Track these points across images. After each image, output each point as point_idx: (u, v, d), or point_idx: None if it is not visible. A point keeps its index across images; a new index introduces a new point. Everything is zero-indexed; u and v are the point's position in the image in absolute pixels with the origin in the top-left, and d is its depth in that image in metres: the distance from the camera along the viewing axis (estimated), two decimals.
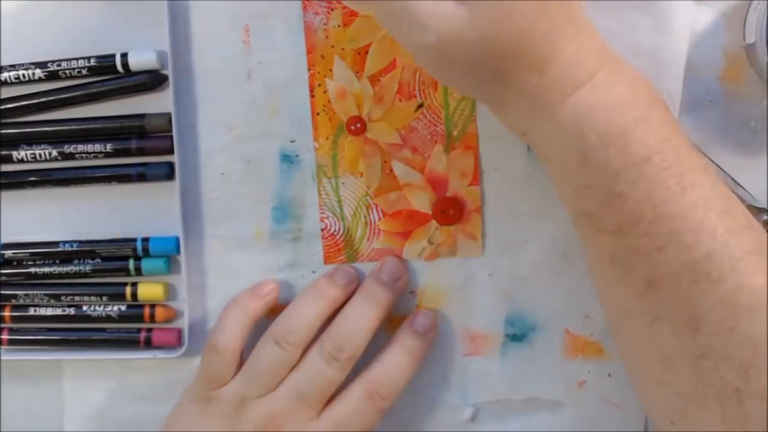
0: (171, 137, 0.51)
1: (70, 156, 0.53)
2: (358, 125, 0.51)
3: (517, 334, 0.53)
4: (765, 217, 0.50)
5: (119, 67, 0.51)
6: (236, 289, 0.54)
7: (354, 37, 0.50)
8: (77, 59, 0.51)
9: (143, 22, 0.51)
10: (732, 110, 0.49)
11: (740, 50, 0.48)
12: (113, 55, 0.51)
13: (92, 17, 0.52)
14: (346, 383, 0.50)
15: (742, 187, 0.50)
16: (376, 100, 0.50)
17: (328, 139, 0.51)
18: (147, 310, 0.54)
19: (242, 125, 0.52)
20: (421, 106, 0.50)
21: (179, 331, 0.54)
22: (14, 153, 0.53)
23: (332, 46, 0.50)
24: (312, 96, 0.51)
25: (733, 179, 0.50)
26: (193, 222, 0.53)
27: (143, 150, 0.52)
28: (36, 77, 0.52)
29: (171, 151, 0.52)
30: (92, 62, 0.51)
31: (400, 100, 0.50)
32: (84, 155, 0.52)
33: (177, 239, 0.53)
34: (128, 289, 0.54)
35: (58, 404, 0.57)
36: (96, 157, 0.53)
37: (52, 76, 0.52)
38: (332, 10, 0.50)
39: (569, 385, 0.53)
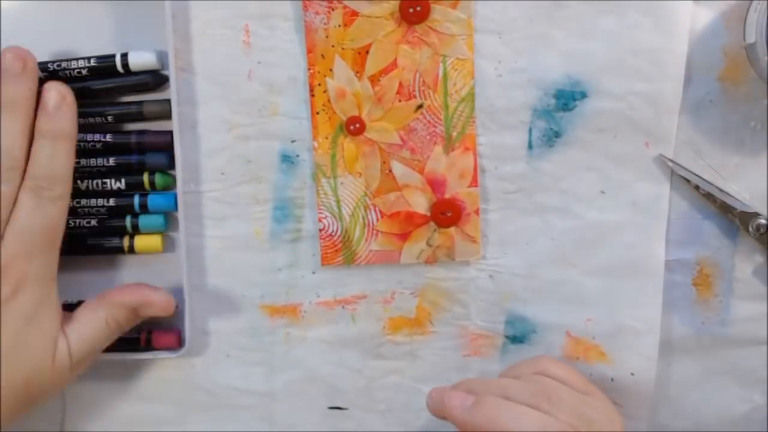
0: (170, 132, 0.51)
1: None
2: (358, 125, 0.51)
3: (518, 335, 0.53)
4: (760, 221, 0.50)
5: (119, 68, 0.51)
6: (236, 289, 0.54)
7: (354, 36, 0.50)
8: (77, 59, 0.51)
9: (143, 22, 0.51)
10: (732, 110, 0.49)
11: (740, 50, 0.48)
12: (113, 56, 0.51)
13: (92, 17, 0.52)
14: None
15: (730, 194, 0.50)
16: (376, 100, 0.50)
17: (327, 138, 0.51)
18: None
19: (242, 125, 0.52)
20: (420, 106, 0.50)
21: (179, 333, 0.54)
22: None
23: (333, 46, 0.50)
24: (312, 95, 0.51)
25: (720, 189, 0.50)
26: (193, 222, 0.53)
27: (142, 145, 0.52)
28: None
29: (171, 147, 0.52)
30: (92, 62, 0.51)
31: (400, 101, 0.50)
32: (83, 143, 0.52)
33: (175, 195, 0.52)
34: (125, 242, 0.53)
35: (59, 404, 0.57)
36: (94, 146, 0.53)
37: (52, 76, 0.51)
38: (333, 9, 0.50)
39: None
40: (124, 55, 0.51)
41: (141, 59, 0.51)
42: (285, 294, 0.54)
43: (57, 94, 0.48)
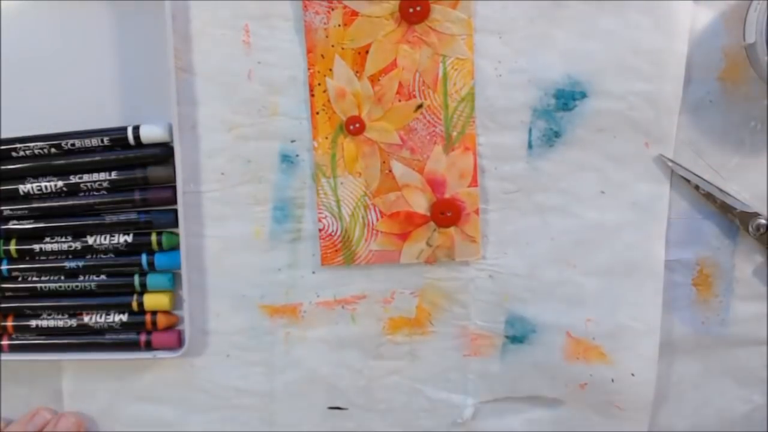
0: (173, 187, 0.52)
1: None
2: (357, 125, 0.51)
3: (518, 335, 0.53)
4: (760, 221, 0.50)
5: (131, 140, 0.52)
6: (236, 289, 0.54)
7: (354, 36, 0.50)
8: (90, 136, 0.52)
9: (143, 22, 0.51)
10: (732, 110, 0.49)
11: (740, 50, 0.48)
12: (125, 128, 0.52)
13: (92, 18, 0.52)
14: None
15: (730, 194, 0.50)
16: (376, 100, 0.50)
17: (327, 138, 0.51)
18: (149, 317, 0.54)
19: (242, 125, 0.52)
20: (420, 106, 0.50)
21: (179, 333, 0.54)
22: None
23: (332, 46, 0.50)
24: (312, 95, 0.51)
25: (720, 189, 0.50)
26: (193, 222, 0.53)
27: (146, 201, 0.53)
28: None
29: (174, 201, 0.53)
30: (105, 141, 0.52)
31: (400, 101, 0.50)
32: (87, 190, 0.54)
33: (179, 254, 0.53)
34: (134, 300, 0.54)
35: (58, 404, 0.57)
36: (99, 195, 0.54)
37: (67, 152, 0.53)
38: (333, 9, 0.50)
39: (570, 386, 0.53)
40: (136, 128, 0.52)
41: (152, 133, 0.52)
42: (285, 294, 0.54)
43: None
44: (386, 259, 0.52)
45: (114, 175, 0.53)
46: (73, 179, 0.53)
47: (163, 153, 0.52)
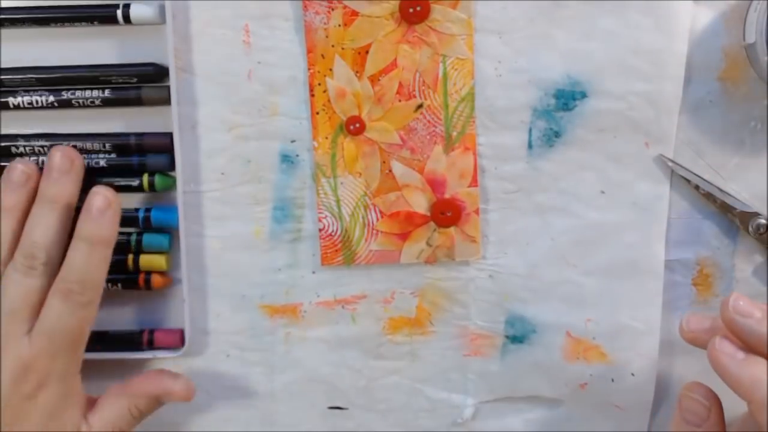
0: (170, 134, 0.51)
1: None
2: (358, 125, 0.51)
3: (518, 335, 0.53)
4: (760, 221, 0.50)
5: (120, 20, 0.50)
6: (236, 289, 0.54)
7: (354, 36, 0.50)
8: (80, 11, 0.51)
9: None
10: (732, 110, 0.49)
11: (740, 50, 0.48)
12: (115, 6, 0.51)
13: None
14: None
15: (730, 194, 0.50)
16: (376, 100, 0.50)
17: (327, 138, 0.51)
18: (142, 277, 0.54)
19: (242, 125, 0.52)
20: (420, 106, 0.50)
21: (181, 332, 0.54)
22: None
23: (332, 46, 0.50)
24: (312, 95, 0.51)
25: (720, 189, 0.50)
26: (193, 222, 0.53)
27: (142, 146, 0.52)
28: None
29: (171, 148, 0.52)
30: (95, 24, 0.51)
31: (400, 101, 0.50)
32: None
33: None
34: (130, 258, 0.54)
35: None
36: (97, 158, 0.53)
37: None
38: (333, 9, 0.50)
39: (570, 386, 0.53)
40: (126, 6, 0.50)
41: (143, 13, 0.50)
42: (285, 294, 0.54)
43: (103, 199, 0.48)
44: (386, 259, 0.52)
45: (107, 93, 0.52)
46: (65, 95, 0.52)
47: (156, 71, 0.51)
